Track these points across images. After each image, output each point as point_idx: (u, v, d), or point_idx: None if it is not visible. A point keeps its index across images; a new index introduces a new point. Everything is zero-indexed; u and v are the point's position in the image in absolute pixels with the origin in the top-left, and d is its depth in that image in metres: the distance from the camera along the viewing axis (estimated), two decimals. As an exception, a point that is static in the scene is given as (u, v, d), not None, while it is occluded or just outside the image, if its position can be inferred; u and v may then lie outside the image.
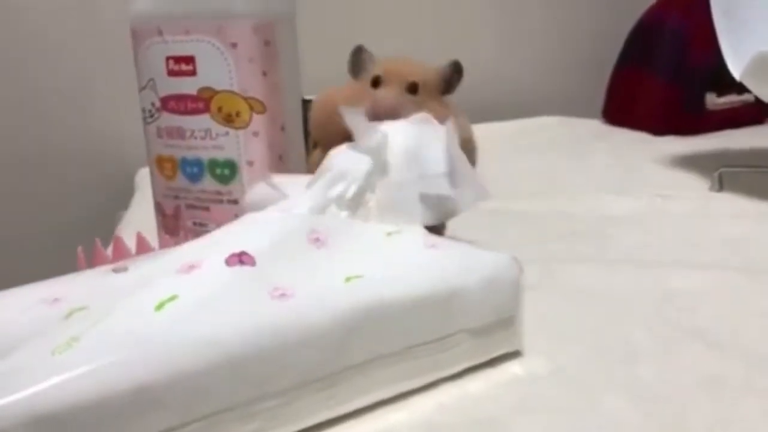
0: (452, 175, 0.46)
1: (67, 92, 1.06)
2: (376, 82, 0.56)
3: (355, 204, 0.43)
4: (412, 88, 0.56)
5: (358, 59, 0.59)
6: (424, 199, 0.45)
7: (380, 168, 0.44)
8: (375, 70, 0.57)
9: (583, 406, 0.37)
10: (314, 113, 0.57)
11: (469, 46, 1.25)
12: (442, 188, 0.46)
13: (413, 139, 0.46)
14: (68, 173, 1.08)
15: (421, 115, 0.50)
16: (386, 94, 0.55)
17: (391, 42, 1.14)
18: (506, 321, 0.40)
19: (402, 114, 0.53)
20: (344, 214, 0.43)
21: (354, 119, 0.47)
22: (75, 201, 1.09)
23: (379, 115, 0.53)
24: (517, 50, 1.32)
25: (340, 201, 0.42)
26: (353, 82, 0.59)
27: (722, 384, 0.38)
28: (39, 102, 1.05)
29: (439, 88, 0.58)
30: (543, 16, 1.33)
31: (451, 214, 0.48)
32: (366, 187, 0.44)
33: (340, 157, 0.45)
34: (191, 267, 0.35)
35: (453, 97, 0.62)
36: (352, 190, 0.43)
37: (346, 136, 0.48)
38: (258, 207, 0.44)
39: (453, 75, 0.60)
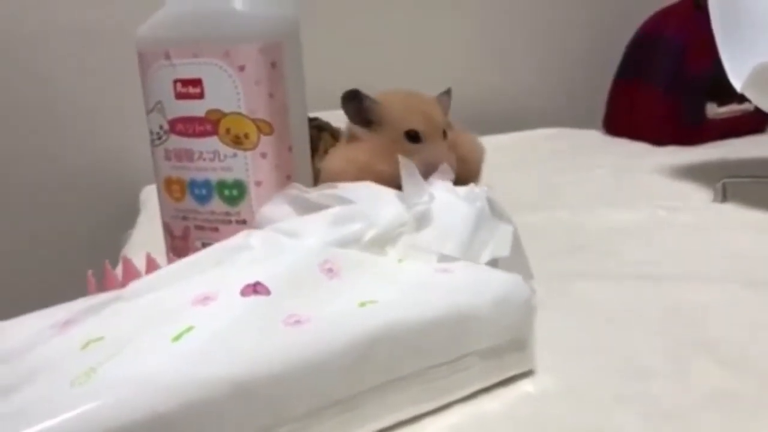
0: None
1: (70, 109, 1.06)
2: (415, 138, 0.57)
3: (368, 247, 0.43)
4: (445, 135, 0.58)
5: (360, 107, 0.59)
6: None
7: (411, 226, 0.44)
8: (400, 120, 0.58)
9: (596, 423, 0.37)
10: (345, 177, 0.56)
11: (466, 60, 1.26)
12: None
13: (465, 219, 0.46)
14: (71, 191, 1.08)
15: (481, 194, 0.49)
16: (438, 154, 0.57)
17: (389, 58, 1.15)
18: (518, 342, 0.40)
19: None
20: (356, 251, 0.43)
21: (409, 171, 0.47)
22: (78, 219, 1.09)
23: (430, 171, 0.53)
24: (514, 62, 1.33)
25: (354, 241, 0.42)
26: (368, 134, 0.59)
27: (734, 399, 0.39)
28: (41, 120, 1.05)
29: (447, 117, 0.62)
30: (540, 28, 1.33)
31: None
32: (386, 236, 0.43)
33: (366, 192, 0.45)
34: (206, 298, 0.35)
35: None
36: (370, 234, 0.43)
37: None
38: (272, 222, 0.44)
39: (449, 99, 0.64)
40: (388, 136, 0.59)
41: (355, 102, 0.59)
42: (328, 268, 0.39)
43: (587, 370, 0.42)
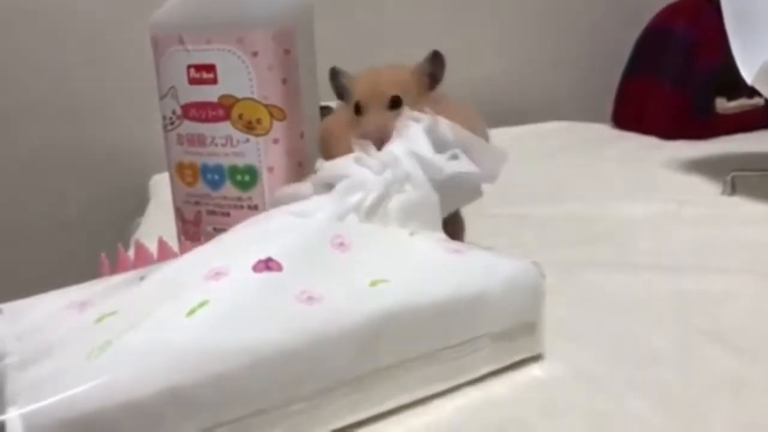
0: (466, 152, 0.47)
1: (79, 99, 1.07)
2: (357, 109, 0.56)
3: (372, 212, 0.43)
4: (395, 103, 0.54)
5: (337, 84, 0.58)
6: (447, 184, 0.46)
7: (397, 178, 0.45)
8: (354, 93, 0.57)
9: (605, 408, 0.37)
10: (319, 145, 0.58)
11: (475, 51, 1.26)
12: (462, 166, 0.46)
13: (414, 141, 0.46)
14: (80, 179, 1.09)
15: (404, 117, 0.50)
16: (368, 122, 0.54)
17: (400, 48, 1.15)
18: (528, 326, 0.40)
19: (391, 133, 0.53)
20: (363, 221, 0.43)
21: (362, 147, 0.48)
22: (88, 207, 1.09)
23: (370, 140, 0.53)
24: (524, 56, 1.33)
25: (358, 209, 0.42)
26: (343, 106, 0.59)
27: (743, 386, 0.39)
28: (50, 109, 1.06)
29: (425, 86, 0.56)
30: (550, 22, 1.33)
31: (477, 190, 0.50)
32: (384, 196, 0.44)
33: (354, 166, 0.45)
34: (219, 274, 0.35)
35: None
36: (370, 198, 0.43)
37: None
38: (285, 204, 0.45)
39: (435, 66, 0.57)
40: (348, 109, 0.57)
41: (332, 80, 0.59)
42: (339, 242, 0.39)
43: (597, 356, 0.42)
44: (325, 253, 0.38)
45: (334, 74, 0.59)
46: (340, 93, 0.59)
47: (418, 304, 0.36)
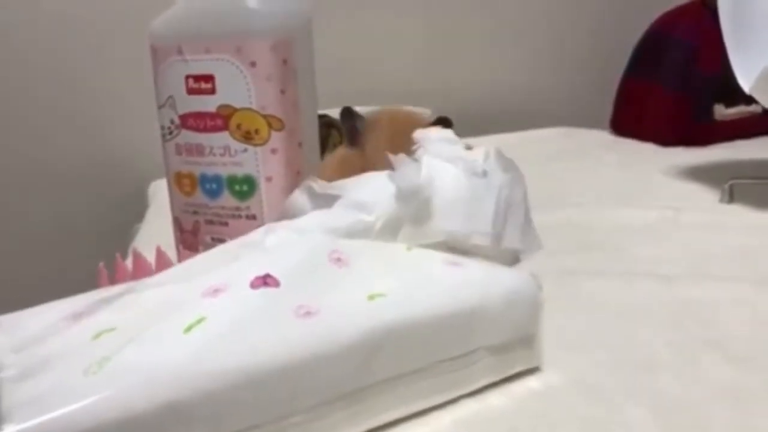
0: (501, 231, 0.47)
1: (80, 104, 1.07)
2: None
3: (380, 236, 0.43)
4: None
5: (350, 125, 0.61)
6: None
7: (419, 210, 0.45)
8: (373, 155, 0.58)
9: (604, 417, 0.37)
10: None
11: (472, 57, 1.26)
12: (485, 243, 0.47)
13: (463, 191, 0.47)
14: (79, 185, 1.09)
15: (474, 161, 0.50)
16: None
17: (399, 56, 1.16)
18: (526, 339, 0.40)
19: None
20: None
21: (398, 160, 0.48)
22: (87, 213, 1.09)
23: None
24: (522, 62, 1.33)
25: (364, 231, 0.42)
26: (349, 152, 0.61)
27: (741, 394, 0.39)
28: (51, 115, 1.06)
29: None
30: (547, 26, 1.33)
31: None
32: (395, 222, 0.44)
33: (374, 183, 0.45)
34: (216, 291, 0.35)
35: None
36: (379, 224, 0.43)
37: None
38: (294, 214, 0.45)
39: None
40: (357, 158, 0.60)
41: (348, 120, 0.62)
42: (336, 258, 0.39)
43: (595, 365, 0.42)
44: (322, 269, 0.38)
45: (349, 115, 0.60)
46: (352, 136, 0.60)
47: (416, 318, 0.36)
